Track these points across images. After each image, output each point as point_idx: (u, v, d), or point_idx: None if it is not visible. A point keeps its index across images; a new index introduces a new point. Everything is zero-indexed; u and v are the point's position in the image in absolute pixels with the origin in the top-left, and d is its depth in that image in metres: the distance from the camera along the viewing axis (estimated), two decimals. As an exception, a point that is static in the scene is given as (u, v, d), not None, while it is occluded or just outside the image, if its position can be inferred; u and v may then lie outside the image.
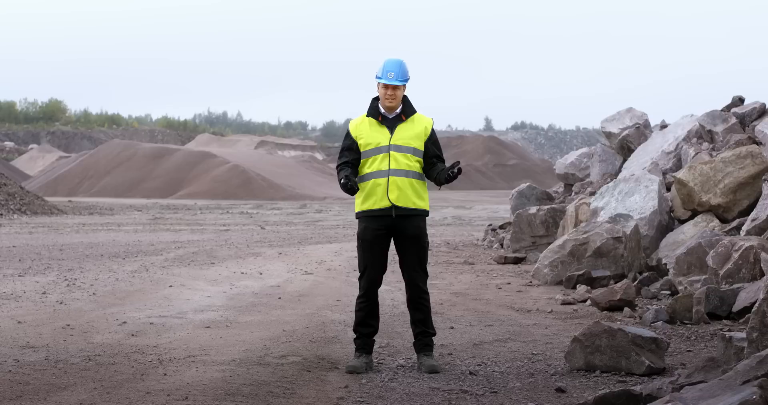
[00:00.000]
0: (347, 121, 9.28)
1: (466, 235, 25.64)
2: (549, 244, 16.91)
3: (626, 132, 21.08)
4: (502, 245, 20.63)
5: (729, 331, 8.41)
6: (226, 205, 54.56)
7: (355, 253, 19.28)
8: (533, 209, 18.68)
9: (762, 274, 10.44)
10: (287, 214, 41.86)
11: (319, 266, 17.19)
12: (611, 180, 19.36)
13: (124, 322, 10.56)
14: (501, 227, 22.68)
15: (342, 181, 8.04)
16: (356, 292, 13.59)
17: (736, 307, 10.06)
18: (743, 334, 6.93)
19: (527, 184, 23.74)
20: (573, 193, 21.84)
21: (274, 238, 24.93)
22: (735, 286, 10.45)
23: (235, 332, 10.04)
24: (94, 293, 13.10)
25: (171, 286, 14.04)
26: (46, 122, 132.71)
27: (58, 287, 13.66)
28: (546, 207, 18.81)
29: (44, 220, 34.51)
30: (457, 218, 37.45)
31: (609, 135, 21.64)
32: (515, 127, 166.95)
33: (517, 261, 17.75)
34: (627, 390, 6.44)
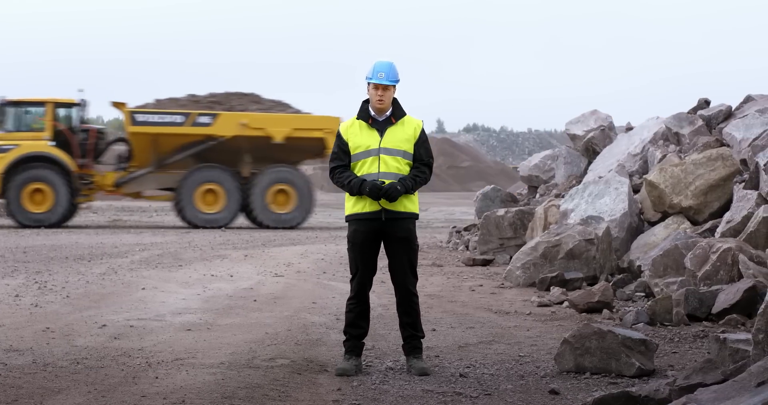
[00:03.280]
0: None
1: (429, 237, 25.62)
2: (517, 246, 16.95)
3: (591, 134, 21.20)
4: (467, 247, 20.61)
5: (723, 332, 8.47)
6: (181, 206, 54.10)
7: (322, 256, 19.56)
8: (501, 211, 18.67)
9: (740, 276, 10.54)
10: (244, 216, 41.56)
11: (288, 268, 17.12)
12: (576, 182, 19.47)
13: (104, 325, 10.46)
14: (466, 229, 22.67)
15: (360, 184, 8.02)
16: (330, 294, 13.77)
17: (715, 309, 10.15)
18: (738, 336, 7.01)
19: (491, 186, 23.83)
20: (538, 195, 21.94)
21: (236, 239, 24.78)
22: (713, 287, 10.54)
23: (218, 335, 9.99)
24: (67, 296, 12.98)
25: (144, 288, 13.94)
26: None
27: (29, 290, 13.52)
28: (514, 209, 18.82)
29: (0, 221, 34.07)
30: (416, 220, 37.41)
31: (573, 137, 21.73)
32: (467, 129, 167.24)
33: (486, 263, 17.76)
34: (626, 391, 6.50)
